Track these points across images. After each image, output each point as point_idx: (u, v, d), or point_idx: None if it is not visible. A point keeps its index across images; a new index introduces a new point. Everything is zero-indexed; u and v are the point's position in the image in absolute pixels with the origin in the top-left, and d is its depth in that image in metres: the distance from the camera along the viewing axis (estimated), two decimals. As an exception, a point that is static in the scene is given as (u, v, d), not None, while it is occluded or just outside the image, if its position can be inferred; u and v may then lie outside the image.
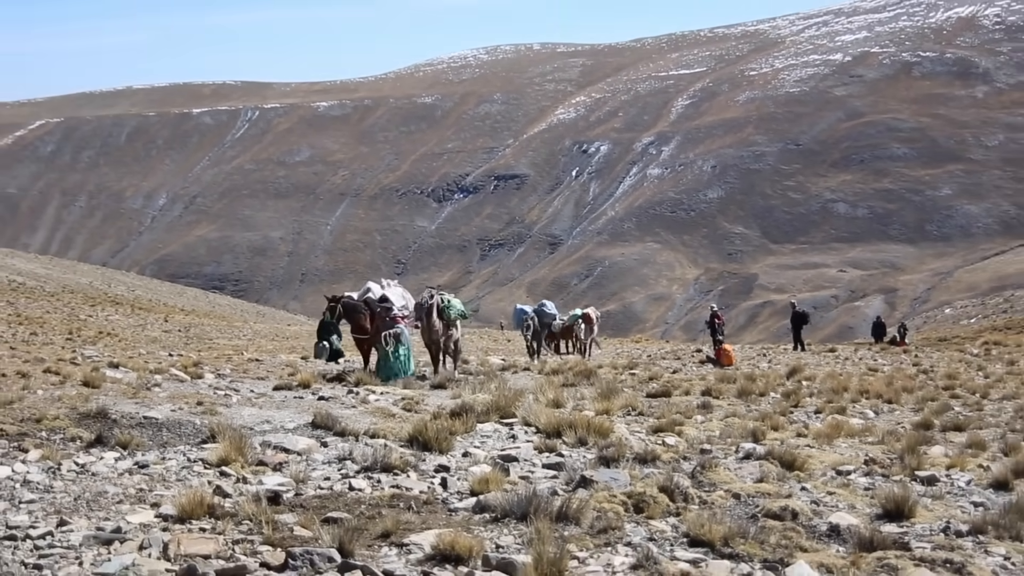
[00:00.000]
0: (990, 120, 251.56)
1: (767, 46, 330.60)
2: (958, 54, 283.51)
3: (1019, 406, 25.37)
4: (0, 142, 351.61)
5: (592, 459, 13.25)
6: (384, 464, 11.86)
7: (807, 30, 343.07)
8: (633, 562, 8.82)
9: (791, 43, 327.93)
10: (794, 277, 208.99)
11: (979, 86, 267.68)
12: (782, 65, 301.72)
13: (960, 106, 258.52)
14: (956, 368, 38.70)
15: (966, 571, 9.22)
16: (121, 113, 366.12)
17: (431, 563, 8.39)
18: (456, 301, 27.21)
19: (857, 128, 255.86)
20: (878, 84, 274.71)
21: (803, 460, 14.15)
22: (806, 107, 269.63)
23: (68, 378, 17.08)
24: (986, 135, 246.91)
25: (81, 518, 9.17)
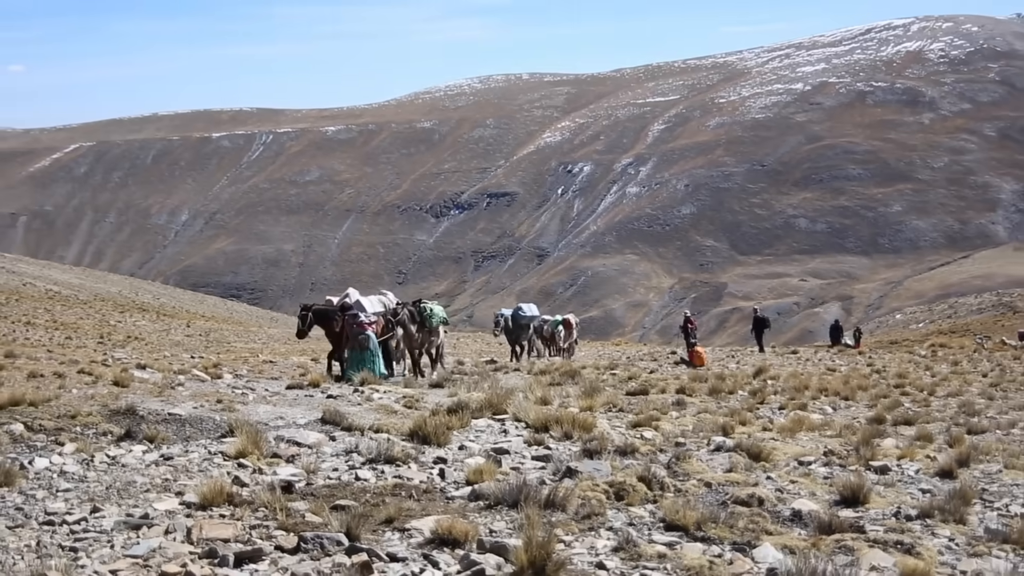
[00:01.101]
0: (935, 144, 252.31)
1: (735, 76, 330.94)
2: (907, 84, 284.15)
3: (962, 402, 25.43)
4: (38, 164, 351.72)
5: (577, 451, 13.25)
6: (387, 456, 11.85)
7: (771, 62, 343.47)
8: (614, 545, 8.83)
9: (756, 74, 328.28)
10: (760, 286, 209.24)
11: (925, 113, 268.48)
12: (748, 93, 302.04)
13: (909, 131, 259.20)
14: (906, 368, 38.77)
15: (915, 551, 9.22)
16: (147, 137, 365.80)
17: (430, 546, 8.39)
18: (438, 309, 27.05)
19: (816, 151, 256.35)
20: (835, 111, 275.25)
21: (768, 452, 14.16)
22: (770, 131, 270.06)
23: (100, 378, 17.06)
24: (932, 157, 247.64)
25: (112, 505, 9.16)
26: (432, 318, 26.31)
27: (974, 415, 22.52)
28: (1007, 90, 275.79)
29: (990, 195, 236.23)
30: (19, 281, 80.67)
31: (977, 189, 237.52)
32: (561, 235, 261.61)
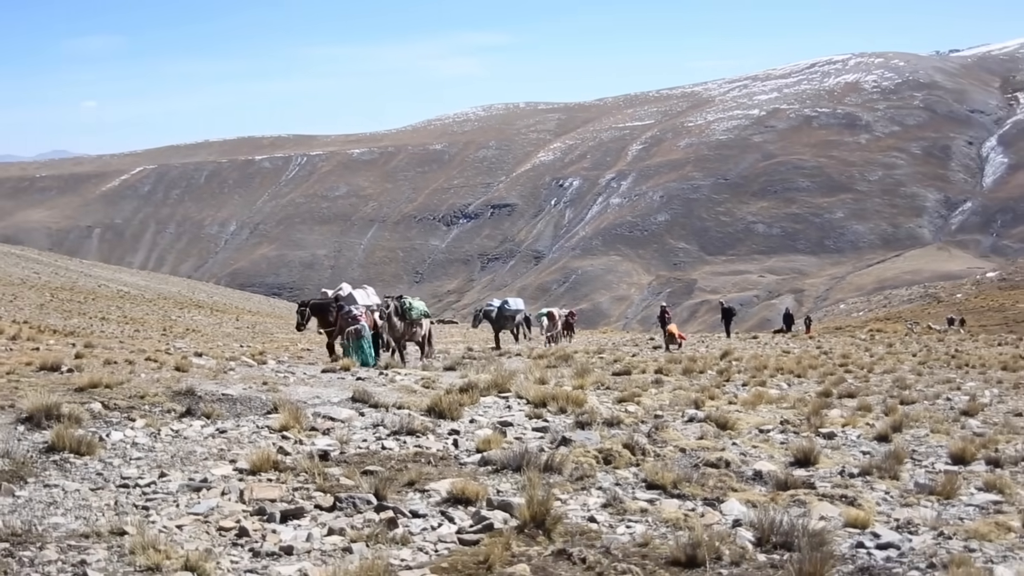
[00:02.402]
0: (871, 160, 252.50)
1: (701, 103, 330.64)
2: (846, 110, 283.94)
3: (896, 378, 25.44)
4: (109, 184, 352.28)
5: (570, 423, 13.25)
6: (409, 429, 11.85)
7: (732, 91, 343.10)
8: (603, 502, 8.86)
9: (719, 101, 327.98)
10: (725, 281, 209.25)
11: (862, 134, 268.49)
12: (713, 118, 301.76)
13: (848, 149, 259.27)
14: (849, 350, 38.77)
15: (857, 503, 9.27)
16: (201, 160, 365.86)
17: (447, 504, 8.42)
18: (418, 303, 26.53)
19: (771, 166, 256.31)
20: (786, 133, 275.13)
21: (733, 422, 14.17)
22: (732, 150, 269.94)
23: (164, 364, 17.05)
24: (868, 172, 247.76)
25: (176, 471, 9.19)
26: (412, 311, 25.87)
27: (906, 388, 22.52)
28: (929, 115, 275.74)
29: (917, 203, 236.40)
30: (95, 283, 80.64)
31: (906, 198, 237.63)
32: (555, 240, 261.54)
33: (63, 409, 10.91)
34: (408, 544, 7.32)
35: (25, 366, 15.10)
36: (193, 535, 7.30)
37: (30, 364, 15.31)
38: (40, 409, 10.73)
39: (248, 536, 7.28)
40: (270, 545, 7.09)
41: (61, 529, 7.25)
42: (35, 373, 14.53)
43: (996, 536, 8.17)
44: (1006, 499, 9.90)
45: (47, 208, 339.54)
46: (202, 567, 6.43)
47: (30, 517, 7.47)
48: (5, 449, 9.31)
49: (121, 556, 6.65)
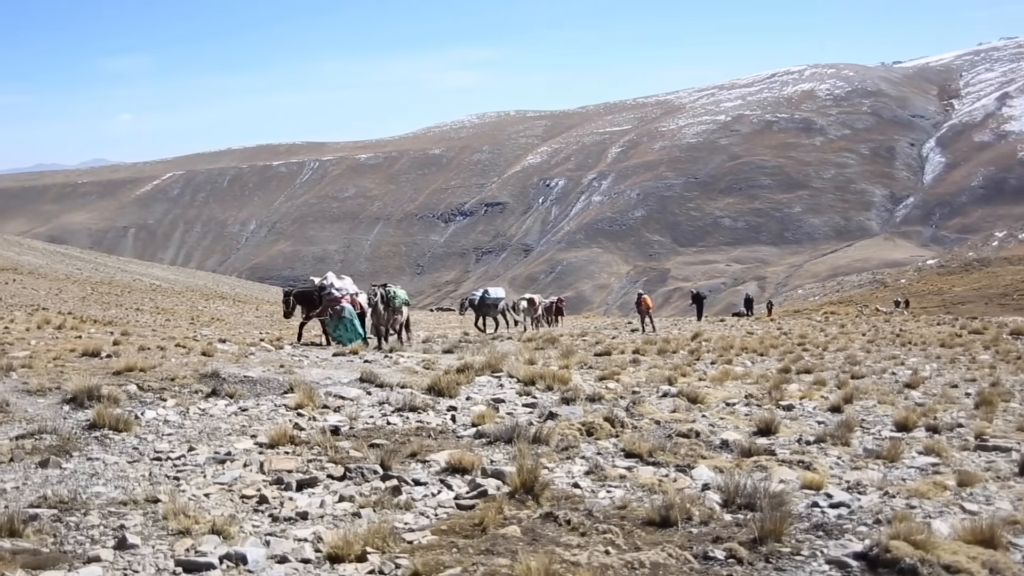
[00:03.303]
0: (825, 160, 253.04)
1: (673, 110, 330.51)
2: (803, 115, 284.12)
3: (848, 355, 25.49)
4: (142, 189, 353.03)
5: (557, 399, 13.26)
6: (411, 406, 11.86)
7: (701, 99, 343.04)
8: (586, 469, 8.88)
9: (690, 108, 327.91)
10: (696, 270, 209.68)
11: (817, 137, 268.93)
12: (684, 123, 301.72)
13: (805, 151, 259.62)
14: (806, 330, 38.83)
15: (812, 467, 9.29)
16: (224, 166, 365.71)
17: (445, 473, 8.43)
18: (401, 292, 25.87)
19: (736, 167, 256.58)
20: (750, 136, 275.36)
21: (703, 396, 14.18)
22: (701, 152, 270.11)
23: (191, 350, 17.06)
24: (823, 171, 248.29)
25: (203, 445, 9.21)
26: (395, 299, 25.32)
27: (856, 364, 22.57)
28: (876, 120, 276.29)
29: (866, 199, 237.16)
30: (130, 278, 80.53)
31: (856, 194, 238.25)
32: (542, 234, 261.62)
33: (103, 391, 10.97)
34: (411, 509, 7.34)
35: (69, 352, 15.15)
36: (219, 502, 7.32)
37: (74, 351, 15.35)
38: (83, 391, 10.82)
39: (268, 503, 7.30)
40: (287, 511, 7.12)
41: (102, 497, 7.29)
42: (78, 359, 14.58)
43: (934, 494, 8.23)
44: (943, 461, 9.95)
45: (88, 211, 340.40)
46: (227, 531, 6.47)
47: (75, 487, 7.53)
48: (53, 426, 9.40)
49: (155, 521, 6.70)
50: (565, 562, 5.99)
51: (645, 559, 6.16)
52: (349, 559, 6.05)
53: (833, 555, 6.41)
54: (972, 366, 23.16)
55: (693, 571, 6.02)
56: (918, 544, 6.28)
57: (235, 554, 5.97)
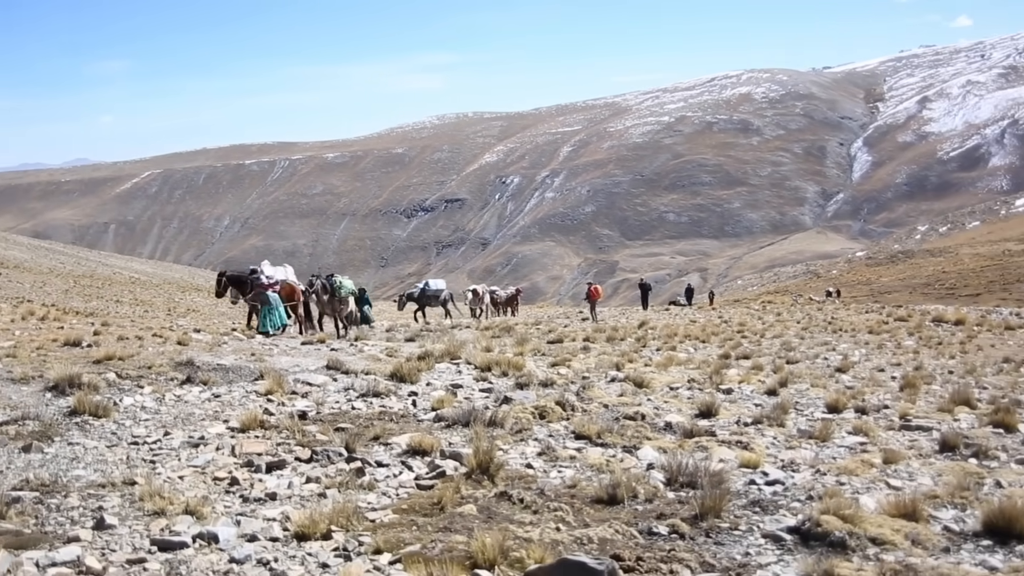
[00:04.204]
0: (762, 159, 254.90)
1: (621, 112, 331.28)
2: (741, 117, 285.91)
3: (783, 342, 25.73)
4: (123, 186, 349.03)
5: (511, 385, 13.28)
6: (374, 391, 11.83)
7: (646, 101, 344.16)
8: (539, 450, 8.90)
9: (636, 110, 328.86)
10: (642, 262, 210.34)
11: (754, 137, 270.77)
12: (631, 124, 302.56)
13: (743, 150, 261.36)
14: (745, 319, 39.11)
15: (750, 447, 9.39)
16: (199, 165, 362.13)
17: (406, 455, 8.42)
18: (347, 282, 25.76)
19: (679, 165, 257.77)
20: (692, 136, 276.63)
21: (648, 381, 14.26)
22: (647, 151, 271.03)
23: (168, 339, 16.89)
24: (759, 168, 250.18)
25: (178, 430, 9.15)
26: (340, 289, 25.16)
27: (791, 350, 22.79)
28: (808, 121, 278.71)
29: (799, 195, 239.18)
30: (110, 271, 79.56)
31: (791, 191, 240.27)
32: (499, 229, 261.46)
33: (83, 379, 10.87)
34: (374, 489, 7.33)
35: (52, 342, 14.99)
36: (192, 484, 7.28)
37: (56, 340, 15.19)
38: (64, 379, 10.73)
39: (239, 484, 7.27)
40: (257, 492, 7.09)
41: (82, 480, 7.25)
42: (60, 348, 14.43)
43: (862, 471, 8.33)
44: (870, 440, 10.09)
45: (71, 208, 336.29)
46: (200, 511, 6.44)
47: (56, 470, 7.49)
48: (35, 413, 9.33)
49: (132, 503, 6.66)
50: (518, 538, 6.01)
51: (593, 535, 6.19)
52: (315, 537, 6.04)
53: (769, 529, 6.48)
54: (898, 351, 23.49)
55: (639, 546, 6.05)
56: (847, 518, 6.36)
57: (207, 533, 5.96)
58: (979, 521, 6.57)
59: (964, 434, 10.24)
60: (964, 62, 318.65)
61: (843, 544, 6.08)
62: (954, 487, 7.62)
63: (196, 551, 5.76)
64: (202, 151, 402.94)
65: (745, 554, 6.03)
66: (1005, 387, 16.09)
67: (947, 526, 6.62)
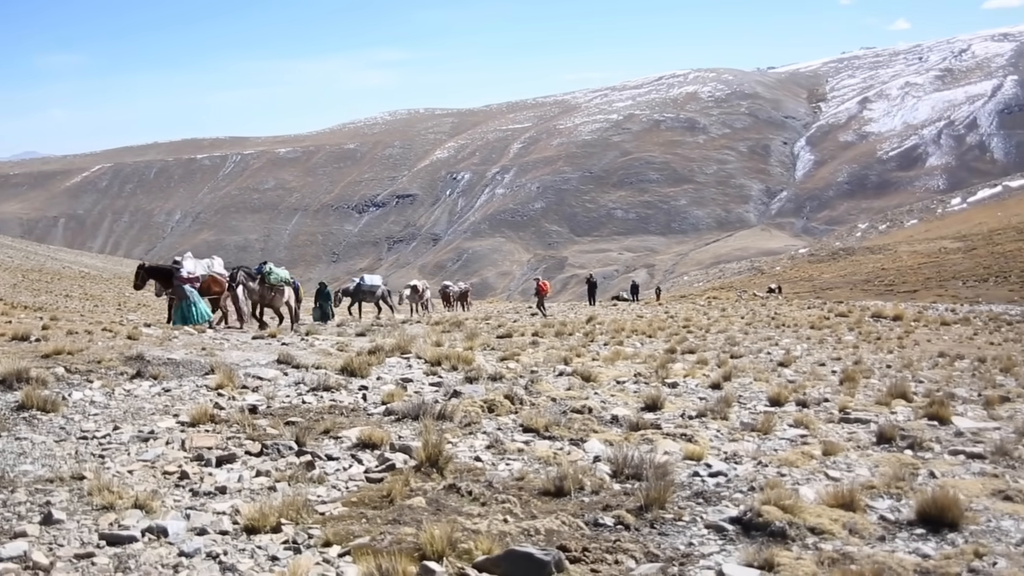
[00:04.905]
0: (708, 157, 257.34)
1: (570, 110, 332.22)
2: (687, 115, 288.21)
3: (728, 336, 25.99)
4: (72, 180, 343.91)
5: (461, 379, 13.27)
6: (325, 385, 11.76)
7: (595, 99, 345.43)
8: (488, 443, 8.91)
9: (585, 107, 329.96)
10: (591, 258, 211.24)
11: (700, 135, 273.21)
12: (580, 122, 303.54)
13: (689, 148, 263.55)
14: (690, 314, 39.42)
15: (694, 439, 9.46)
16: (151, 159, 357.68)
17: (356, 448, 8.39)
18: (280, 271, 25.07)
19: (627, 162, 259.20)
20: (640, 134, 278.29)
21: (596, 375, 14.32)
22: (595, 149, 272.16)
23: (118, 334, 16.68)
24: (705, 166, 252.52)
25: (128, 425, 9.02)
26: (270, 276, 24.46)
27: (735, 345, 23.04)
28: (753, 120, 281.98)
29: (744, 192, 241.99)
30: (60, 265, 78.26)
31: (736, 188, 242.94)
32: (450, 224, 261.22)
33: (31, 373, 10.68)
34: (324, 483, 7.30)
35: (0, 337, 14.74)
36: (142, 478, 7.20)
37: (3, 335, 14.94)
38: (12, 373, 10.53)
39: (188, 478, 7.20)
40: (207, 486, 7.03)
41: (30, 475, 7.12)
42: (8, 343, 14.19)
43: (802, 463, 8.45)
44: (811, 433, 10.23)
45: (19, 201, 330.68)
46: (149, 505, 6.37)
47: (3, 465, 7.34)
48: (-20, 408, 9.12)
49: (80, 497, 6.57)
50: (466, 530, 6.03)
51: (541, 526, 6.23)
52: (265, 530, 6.01)
53: (711, 520, 6.55)
54: (838, 346, 23.86)
55: (585, 537, 6.10)
56: (787, 508, 6.46)
57: (157, 527, 5.90)
58: (913, 510, 6.72)
59: (900, 426, 10.46)
60: (903, 64, 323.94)
61: (783, 534, 6.17)
62: (890, 478, 7.77)
63: (145, 545, 5.71)
64: (153, 145, 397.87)
65: (688, 544, 6.10)
66: (940, 381, 16.42)
67: (883, 515, 6.75)
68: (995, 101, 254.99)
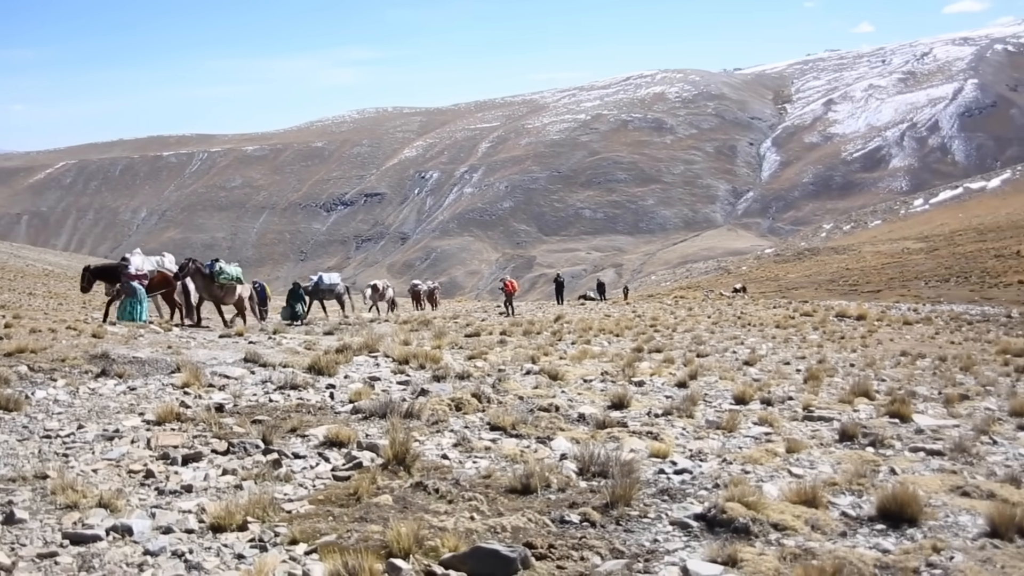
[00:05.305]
0: (675, 157, 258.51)
1: (538, 109, 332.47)
2: (655, 116, 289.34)
3: (694, 335, 26.12)
4: (36, 177, 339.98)
5: (428, 377, 13.27)
6: (292, 384, 11.73)
7: (563, 99, 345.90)
8: (455, 442, 8.93)
9: (553, 107, 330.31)
10: (559, 258, 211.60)
11: (668, 136, 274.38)
12: (548, 121, 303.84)
13: (657, 148, 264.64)
14: (658, 313, 39.55)
15: (660, 437, 9.53)
16: (116, 156, 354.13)
17: (323, 447, 8.38)
18: (231, 268, 24.43)
19: (595, 162, 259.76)
20: (607, 134, 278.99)
21: (563, 373, 14.37)
22: (563, 148, 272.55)
23: (82, 332, 16.52)
24: (673, 166, 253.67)
25: (93, 423, 8.96)
26: (220, 275, 23.84)
27: (702, 344, 23.15)
28: (720, 121, 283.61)
29: (711, 192, 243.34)
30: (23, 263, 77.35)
31: (703, 188, 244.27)
32: (418, 223, 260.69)
33: (-7, 372, 10.58)
34: (291, 481, 7.28)
35: (-40, 336, 14.56)
36: (107, 477, 7.15)
37: (-36, 334, 14.75)
38: (-27, 372, 10.43)
39: (154, 477, 7.16)
40: (173, 484, 6.99)
41: (-9, 475, 7.06)
42: (-31, 341, 14.00)
43: (766, 460, 8.54)
44: (774, 431, 10.34)
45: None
46: (114, 504, 6.33)
47: (-36, 464, 7.26)
48: (-58, 407, 9.03)
49: (44, 496, 6.51)
50: (433, 527, 6.04)
51: (507, 524, 6.25)
52: (231, 528, 5.99)
53: (676, 517, 6.60)
54: (803, 345, 24.03)
55: (551, 534, 6.12)
56: (750, 505, 6.53)
57: (121, 526, 5.86)
58: (874, 506, 6.83)
59: (863, 424, 10.59)
60: (867, 67, 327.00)
61: (747, 530, 6.24)
62: (852, 474, 7.87)
63: (110, 544, 5.67)
64: (119, 142, 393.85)
65: (653, 540, 6.14)
66: (902, 379, 16.60)
67: (844, 511, 6.84)
68: (956, 104, 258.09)
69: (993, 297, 50.45)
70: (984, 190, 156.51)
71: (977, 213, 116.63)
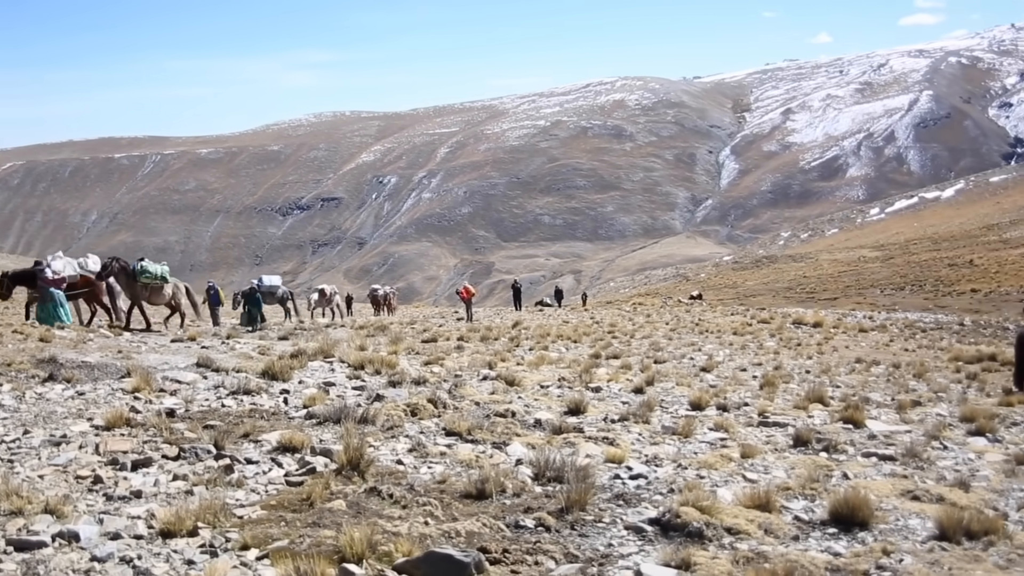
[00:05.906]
0: (634, 164, 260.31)
1: (498, 115, 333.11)
2: (615, 123, 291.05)
3: (652, 342, 26.27)
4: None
5: (384, 382, 13.23)
6: (245, 389, 11.65)
7: (523, 105, 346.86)
8: (409, 447, 8.90)
9: (513, 113, 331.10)
10: (518, 264, 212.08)
11: (627, 143, 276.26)
12: (507, 127, 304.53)
13: (616, 155, 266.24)
14: (616, 320, 39.71)
15: (616, 443, 9.56)
16: (66, 157, 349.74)
17: (276, 452, 8.32)
18: (154, 267, 23.67)
19: (554, 168, 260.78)
20: (567, 140, 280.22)
21: (520, 379, 14.38)
22: (523, 154, 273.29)
23: (29, 336, 16.28)
24: (632, 173, 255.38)
25: (39, 429, 8.83)
26: (143, 274, 23.16)
27: (659, 350, 23.29)
28: (679, 128, 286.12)
29: (670, 200, 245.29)
30: (-35, 265, 76.13)
31: (662, 196, 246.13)
32: (376, 228, 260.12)
33: (-66, 377, 10.40)
34: (243, 486, 7.23)
35: (-100, 340, 14.28)
36: (53, 483, 7.05)
37: (-96, 338, 14.48)
38: (-87, 377, 10.24)
39: (103, 483, 7.08)
40: (122, 490, 6.91)
41: (-67, 481, 6.93)
42: (-91, 345, 13.75)
43: (721, 465, 8.61)
44: (730, 436, 10.44)
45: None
46: (60, 510, 6.24)
47: (-97, 471, 7.12)
48: None
49: (-13, 503, 6.40)
50: (387, 532, 6.03)
51: (461, 528, 6.25)
52: (181, 534, 5.93)
53: (631, 521, 6.64)
54: (760, 352, 24.27)
55: (505, 539, 6.13)
56: (704, 509, 6.59)
57: (68, 532, 5.78)
58: (826, 510, 6.93)
59: (817, 430, 10.74)
60: (824, 77, 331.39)
61: (700, 534, 6.29)
62: (805, 479, 7.97)
63: (56, 550, 5.60)
64: (68, 143, 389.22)
65: (608, 545, 6.17)
66: (856, 385, 16.84)
67: (797, 516, 6.93)
68: (912, 115, 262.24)
69: (947, 305, 51.33)
70: (938, 200, 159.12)
71: (932, 223, 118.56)
